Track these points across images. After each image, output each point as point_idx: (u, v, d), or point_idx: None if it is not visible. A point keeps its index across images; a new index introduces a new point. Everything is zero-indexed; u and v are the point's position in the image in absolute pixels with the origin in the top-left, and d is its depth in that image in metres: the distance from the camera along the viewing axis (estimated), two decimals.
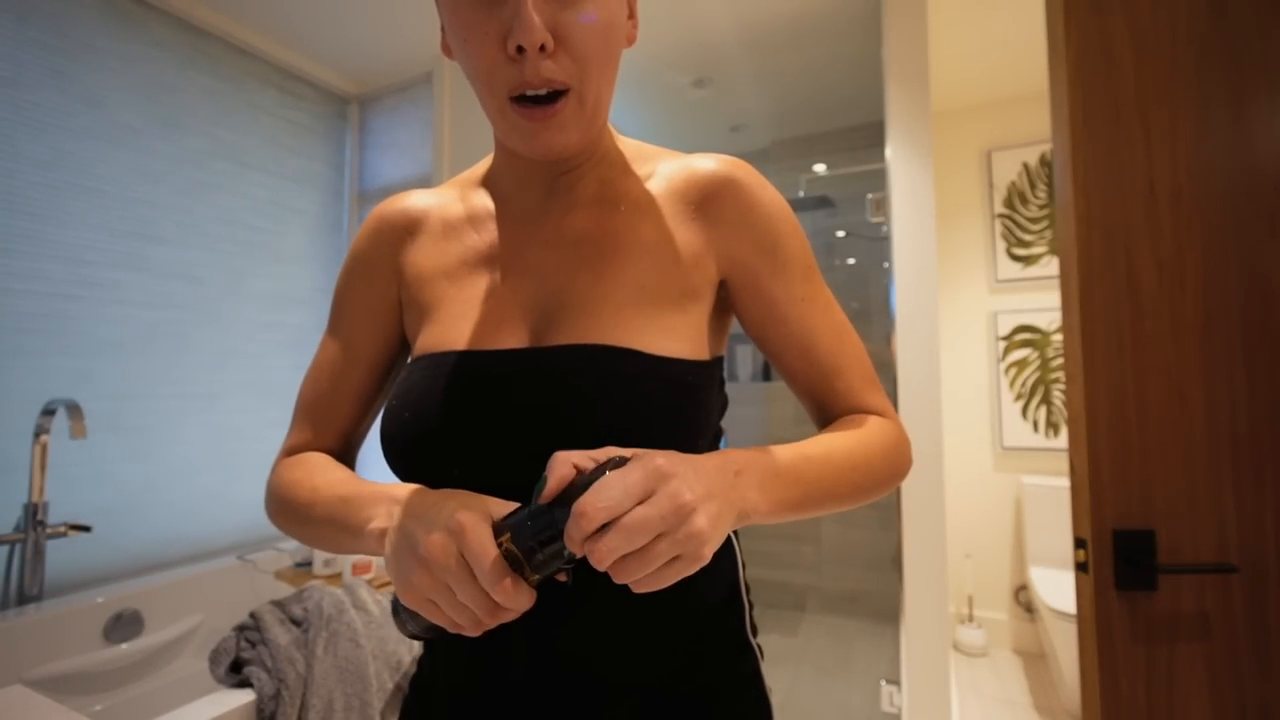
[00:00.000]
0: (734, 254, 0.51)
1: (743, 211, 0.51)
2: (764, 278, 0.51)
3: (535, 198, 0.53)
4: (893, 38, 1.54)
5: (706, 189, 0.51)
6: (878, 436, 0.50)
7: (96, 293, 1.42)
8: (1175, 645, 0.83)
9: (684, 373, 0.46)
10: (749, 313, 0.53)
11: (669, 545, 0.34)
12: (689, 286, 0.49)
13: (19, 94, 1.31)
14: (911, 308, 1.49)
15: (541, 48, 0.41)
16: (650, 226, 0.50)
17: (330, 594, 1.08)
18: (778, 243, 0.51)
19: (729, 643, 0.52)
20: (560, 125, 0.44)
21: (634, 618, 0.47)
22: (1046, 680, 2.34)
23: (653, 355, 0.45)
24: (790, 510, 0.43)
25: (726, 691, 0.50)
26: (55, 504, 1.31)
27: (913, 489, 1.47)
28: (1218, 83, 0.85)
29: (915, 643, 1.44)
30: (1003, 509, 2.64)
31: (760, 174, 0.53)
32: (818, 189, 2.67)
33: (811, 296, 0.52)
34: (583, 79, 0.44)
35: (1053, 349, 2.55)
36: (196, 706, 0.87)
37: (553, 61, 0.42)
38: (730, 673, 0.51)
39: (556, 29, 0.42)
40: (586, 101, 0.45)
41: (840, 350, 0.53)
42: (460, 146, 1.91)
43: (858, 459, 0.48)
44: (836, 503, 0.46)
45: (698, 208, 0.51)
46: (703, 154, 0.54)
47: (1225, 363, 0.83)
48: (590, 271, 0.49)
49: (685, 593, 0.47)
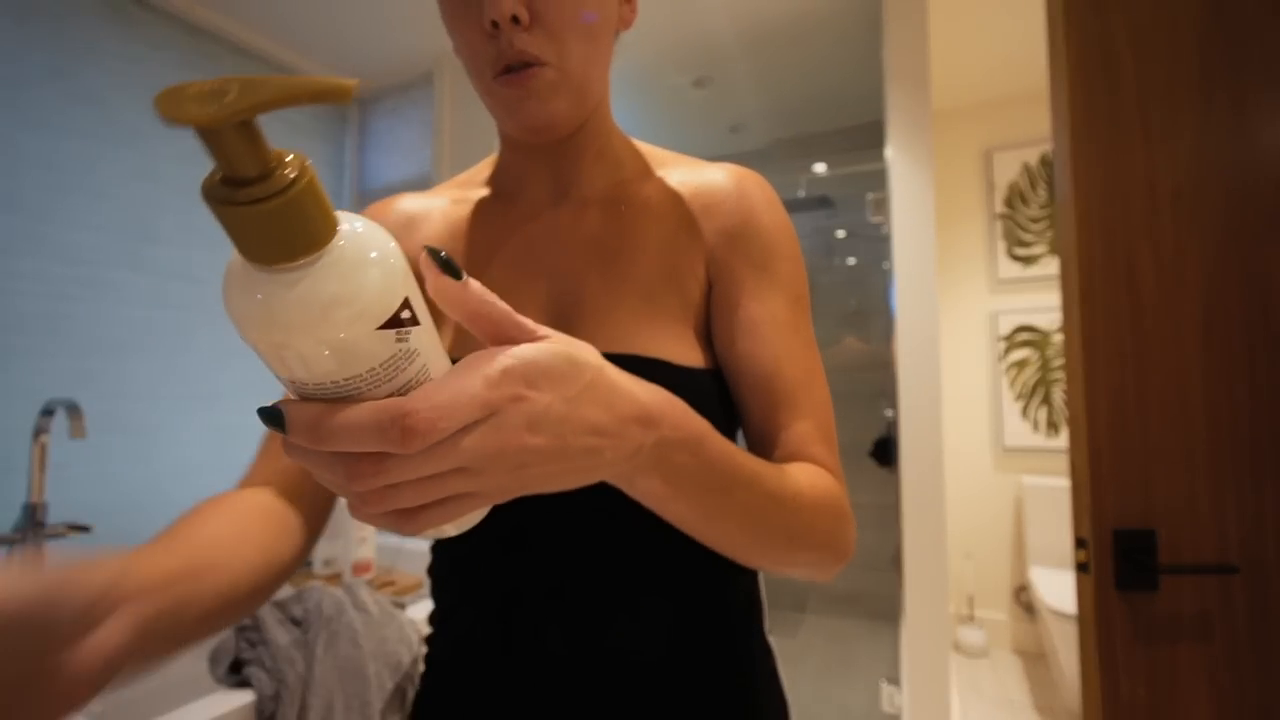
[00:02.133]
0: (723, 260, 0.49)
1: (740, 222, 0.49)
2: (747, 291, 0.48)
3: (543, 194, 0.52)
4: (893, 38, 1.54)
5: (711, 196, 0.51)
6: (825, 497, 0.42)
7: (96, 293, 1.42)
8: (1176, 645, 0.83)
9: (706, 383, 0.46)
10: (722, 323, 0.48)
11: (463, 480, 0.25)
12: (688, 295, 0.48)
13: (19, 94, 1.31)
14: (911, 308, 1.49)
15: (516, 20, 0.41)
16: (655, 230, 0.50)
17: (330, 594, 1.08)
18: (770, 260, 0.49)
19: (749, 642, 0.51)
20: (539, 94, 0.44)
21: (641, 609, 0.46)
22: (1046, 680, 2.34)
23: (678, 365, 0.45)
24: (687, 511, 0.35)
25: (751, 689, 0.50)
26: (55, 504, 1.31)
27: (913, 489, 1.47)
28: (1218, 83, 0.85)
29: (915, 643, 1.44)
30: (1003, 509, 2.64)
31: (774, 192, 0.52)
32: (818, 189, 2.67)
33: (793, 326, 0.48)
34: (561, 54, 0.43)
35: (1053, 349, 2.55)
36: (196, 706, 0.87)
37: (528, 35, 0.42)
38: (747, 672, 0.50)
39: (532, 4, 0.42)
40: (568, 76, 0.44)
41: (807, 391, 0.46)
42: (460, 146, 1.91)
43: (795, 502, 0.39)
44: (748, 534, 0.38)
45: (699, 214, 0.50)
46: (720, 164, 0.53)
47: (1225, 363, 0.83)
48: (599, 274, 0.48)
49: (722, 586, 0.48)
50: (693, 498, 0.34)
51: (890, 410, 1.54)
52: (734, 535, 0.37)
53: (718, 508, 0.36)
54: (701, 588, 0.48)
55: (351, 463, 0.23)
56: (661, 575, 0.47)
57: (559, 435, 0.27)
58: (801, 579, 0.46)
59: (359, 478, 0.23)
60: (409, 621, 1.12)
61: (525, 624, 0.46)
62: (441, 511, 0.26)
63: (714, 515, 0.36)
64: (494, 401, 0.24)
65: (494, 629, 0.47)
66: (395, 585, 1.41)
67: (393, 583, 1.43)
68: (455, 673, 0.50)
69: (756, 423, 0.47)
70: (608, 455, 0.29)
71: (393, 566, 1.54)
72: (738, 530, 0.37)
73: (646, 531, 0.44)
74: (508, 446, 0.25)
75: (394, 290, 0.22)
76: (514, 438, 0.25)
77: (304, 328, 0.21)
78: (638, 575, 0.47)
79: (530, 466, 0.26)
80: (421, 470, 0.24)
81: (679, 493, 0.33)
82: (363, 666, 0.98)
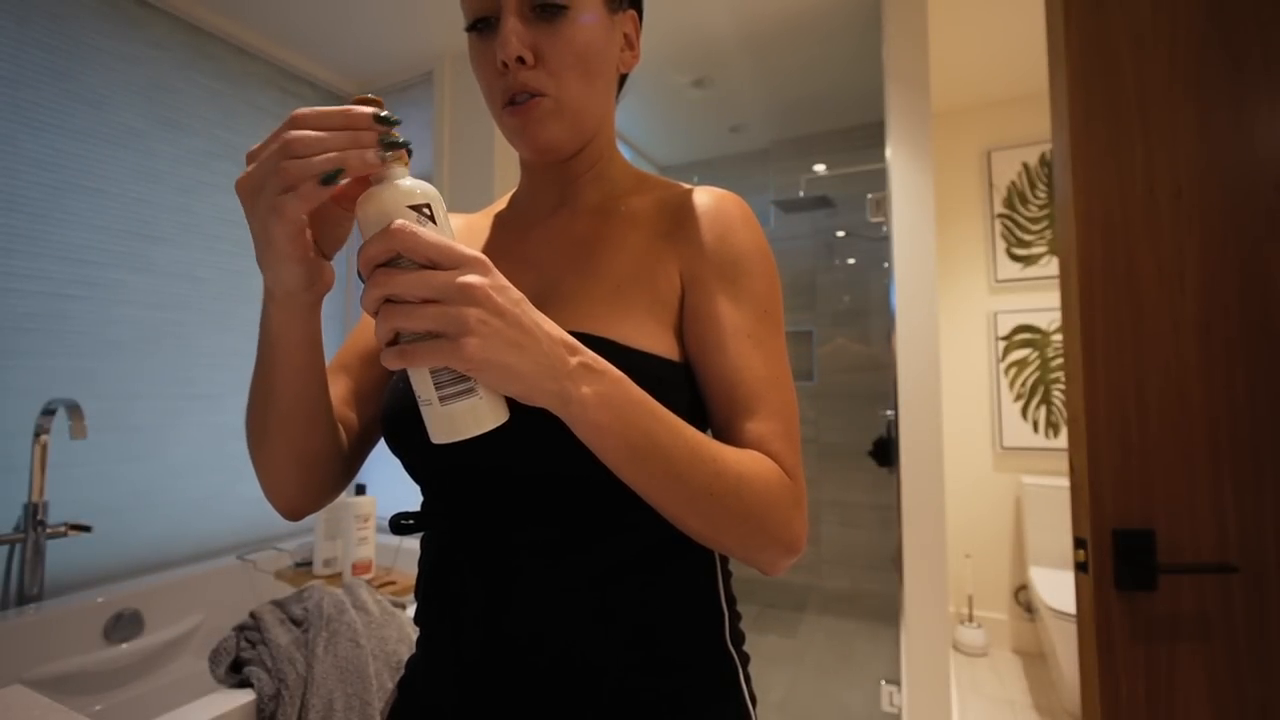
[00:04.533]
0: (695, 270, 0.52)
1: (715, 236, 0.53)
2: (716, 301, 0.51)
3: (546, 205, 0.60)
4: (893, 38, 1.54)
5: (690, 211, 0.55)
6: (763, 472, 0.45)
7: (97, 293, 1.42)
8: (1175, 645, 0.83)
9: (655, 367, 0.48)
10: (692, 331, 0.51)
11: (435, 314, 0.34)
12: (659, 295, 0.52)
13: (19, 94, 1.31)
14: (911, 308, 1.49)
15: (521, 61, 0.49)
16: (636, 236, 0.55)
17: (330, 594, 1.08)
18: (740, 275, 0.52)
19: (701, 650, 0.52)
20: (539, 120, 0.51)
21: (595, 609, 0.48)
22: (1046, 680, 2.34)
23: (625, 345, 0.48)
24: (618, 441, 0.40)
25: (697, 699, 0.50)
26: (55, 504, 1.31)
27: (913, 489, 1.47)
28: (1218, 83, 0.85)
29: (915, 643, 1.44)
30: (1003, 509, 2.64)
31: (752, 214, 0.56)
32: (818, 189, 2.67)
33: (760, 338, 0.50)
34: (559, 88, 0.50)
35: (1053, 349, 2.56)
36: (196, 706, 0.87)
37: (531, 72, 0.50)
38: (701, 681, 0.51)
39: (537, 47, 0.50)
40: (564, 105, 0.51)
41: (768, 398, 0.49)
42: (460, 146, 1.91)
43: (723, 465, 0.43)
44: (674, 485, 0.42)
45: (677, 225, 0.54)
46: (706, 188, 0.57)
47: (1225, 363, 0.83)
48: (577, 267, 0.54)
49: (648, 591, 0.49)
50: (620, 432, 0.40)
51: (890, 410, 1.54)
52: (662, 483, 0.42)
53: (645, 448, 0.41)
54: (654, 597, 0.50)
55: (375, 275, 0.35)
56: (611, 580, 0.48)
57: (516, 305, 0.37)
58: (753, 566, 0.48)
59: (374, 285, 0.35)
60: (409, 621, 1.12)
61: (471, 628, 0.49)
62: (432, 347, 0.35)
63: (641, 454, 0.41)
64: (469, 260, 0.36)
65: (444, 629, 0.52)
66: (395, 585, 1.41)
67: (393, 583, 1.43)
68: (416, 670, 0.56)
69: (719, 429, 0.51)
70: (544, 348, 0.37)
71: (393, 566, 1.54)
72: (664, 477, 0.41)
73: (596, 536, 0.48)
74: (477, 292, 0.35)
75: (425, 195, 0.37)
76: (482, 288, 0.35)
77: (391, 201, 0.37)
78: (584, 577, 0.48)
79: (492, 323, 0.35)
80: (409, 285, 0.34)
81: (611, 420, 0.39)
82: (363, 666, 0.98)
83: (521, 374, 0.36)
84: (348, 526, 1.44)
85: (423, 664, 0.55)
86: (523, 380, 0.37)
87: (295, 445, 0.48)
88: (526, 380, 0.37)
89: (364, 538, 1.44)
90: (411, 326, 0.35)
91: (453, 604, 0.50)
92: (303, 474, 0.50)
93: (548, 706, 0.47)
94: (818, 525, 2.66)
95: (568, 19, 0.50)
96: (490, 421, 0.38)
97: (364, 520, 1.44)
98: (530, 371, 0.37)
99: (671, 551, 0.51)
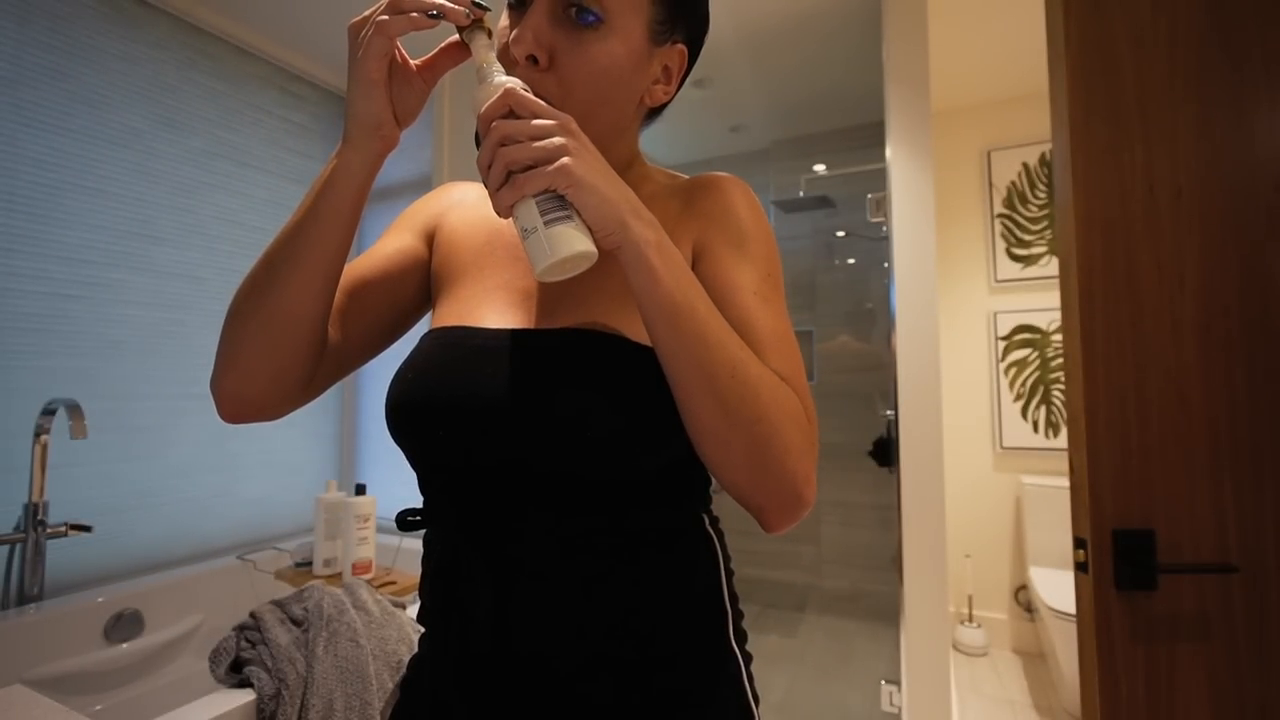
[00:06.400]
0: (703, 238, 0.54)
1: (721, 208, 0.55)
2: (725, 262, 0.52)
3: None
4: (893, 38, 1.54)
5: (699, 189, 0.57)
6: (785, 389, 0.46)
7: (97, 293, 1.42)
8: (1175, 645, 0.83)
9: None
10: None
11: (540, 146, 0.40)
12: None
13: (19, 94, 1.31)
14: (911, 308, 1.49)
15: (535, 60, 0.47)
16: None
17: (330, 594, 1.08)
18: (745, 242, 0.54)
19: (705, 649, 0.52)
20: None
21: (600, 607, 0.48)
22: (1046, 680, 2.34)
23: (635, 343, 0.48)
24: (665, 291, 0.42)
25: (701, 697, 0.50)
26: (56, 504, 1.31)
27: (913, 489, 1.47)
28: (1218, 83, 0.85)
29: (915, 643, 1.44)
30: (1002, 509, 2.64)
31: (755, 196, 0.58)
32: (818, 189, 2.67)
33: (765, 295, 0.52)
34: (565, 95, 0.48)
35: (1053, 349, 2.56)
36: (196, 706, 0.87)
37: (542, 75, 0.48)
38: (705, 679, 0.51)
39: (553, 51, 0.48)
40: (568, 112, 0.50)
41: (776, 346, 0.49)
42: (460, 146, 1.91)
43: (741, 358, 0.44)
44: (702, 351, 0.43)
45: (687, 204, 0.56)
46: (711, 172, 0.59)
47: (1225, 363, 0.83)
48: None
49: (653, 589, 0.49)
50: (669, 282, 0.43)
51: (890, 410, 1.54)
52: (691, 347, 0.43)
53: (685, 307, 0.43)
54: (660, 596, 0.50)
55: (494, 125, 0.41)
56: (617, 578, 0.48)
57: (598, 152, 0.43)
58: (755, 509, 0.46)
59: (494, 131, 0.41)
60: (409, 621, 1.12)
61: (477, 625, 0.49)
62: (539, 172, 0.40)
63: (682, 311, 0.43)
64: (560, 114, 0.42)
65: (449, 626, 0.51)
66: (395, 585, 1.41)
67: (393, 582, 1.43)
68: (420, 668, 0.56)
69: None
70: (622, 187, 0.43)
71: (393, 566, 1.54)
72: (695, 341, 0.43)
73: (603, 534, 0.48)
74: (572, 127, 0.42)
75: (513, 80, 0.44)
76: (576, 128, 0.42)
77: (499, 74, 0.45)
78: (590, 575, 0.48)
79: (585, 154, 0.41)
80: (521, 126, 0.40)
81: (665, 270, 0.43)
82: (363, 666, 0.98)
83: (608, 198, 0.41)
84: (348, 526, 1.44)
85: (427, 662, 0.55)
86: (608, 205, 0.41)
87: (292, 307, 0.47)
88: (610, 205, 0.41)
89: (364, 538, 1.44)
90: (523, 158, 0.40)
91: (459, 602, 0.50)
92: (277, 353, 0.47)
93: (553, 704, 0.47)
94: (818, 525, 2.66)
95: (598, 34, 0.47)
96: (582, 243, 0.41)
97: (364, 520, 1.44)
98: (614, 198, 0.42)
99: (677, 550, 0.51)
